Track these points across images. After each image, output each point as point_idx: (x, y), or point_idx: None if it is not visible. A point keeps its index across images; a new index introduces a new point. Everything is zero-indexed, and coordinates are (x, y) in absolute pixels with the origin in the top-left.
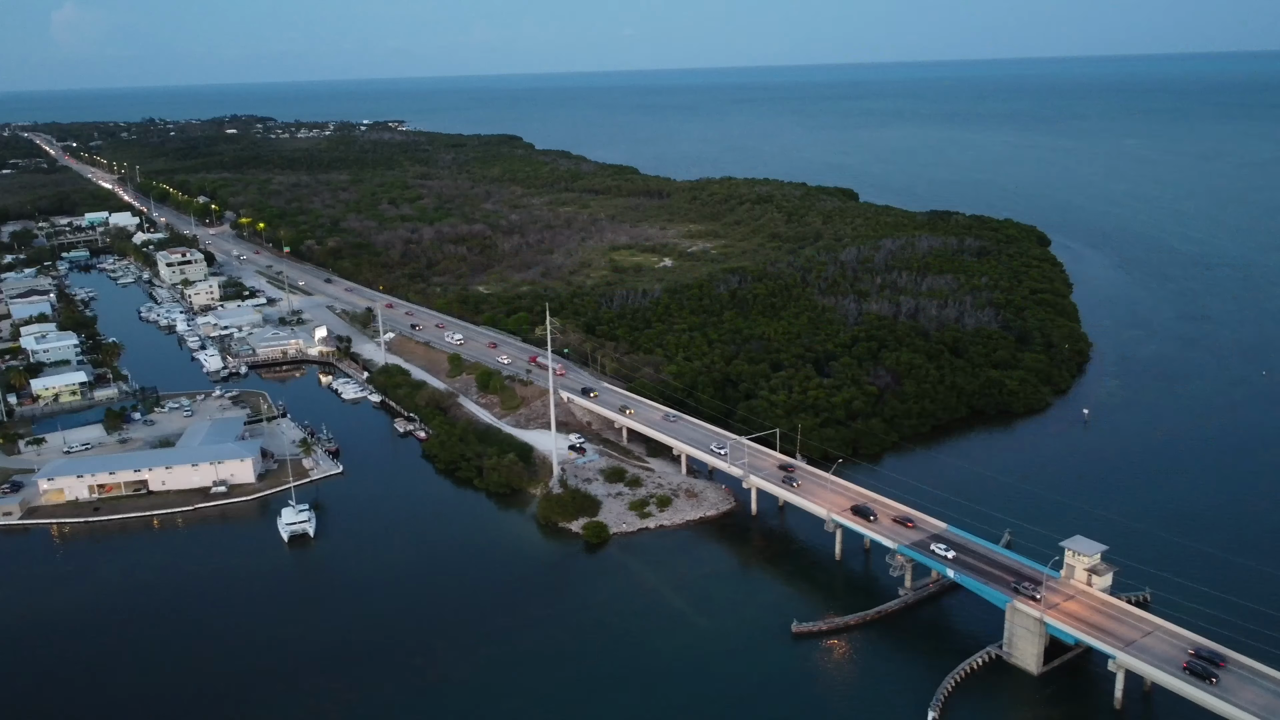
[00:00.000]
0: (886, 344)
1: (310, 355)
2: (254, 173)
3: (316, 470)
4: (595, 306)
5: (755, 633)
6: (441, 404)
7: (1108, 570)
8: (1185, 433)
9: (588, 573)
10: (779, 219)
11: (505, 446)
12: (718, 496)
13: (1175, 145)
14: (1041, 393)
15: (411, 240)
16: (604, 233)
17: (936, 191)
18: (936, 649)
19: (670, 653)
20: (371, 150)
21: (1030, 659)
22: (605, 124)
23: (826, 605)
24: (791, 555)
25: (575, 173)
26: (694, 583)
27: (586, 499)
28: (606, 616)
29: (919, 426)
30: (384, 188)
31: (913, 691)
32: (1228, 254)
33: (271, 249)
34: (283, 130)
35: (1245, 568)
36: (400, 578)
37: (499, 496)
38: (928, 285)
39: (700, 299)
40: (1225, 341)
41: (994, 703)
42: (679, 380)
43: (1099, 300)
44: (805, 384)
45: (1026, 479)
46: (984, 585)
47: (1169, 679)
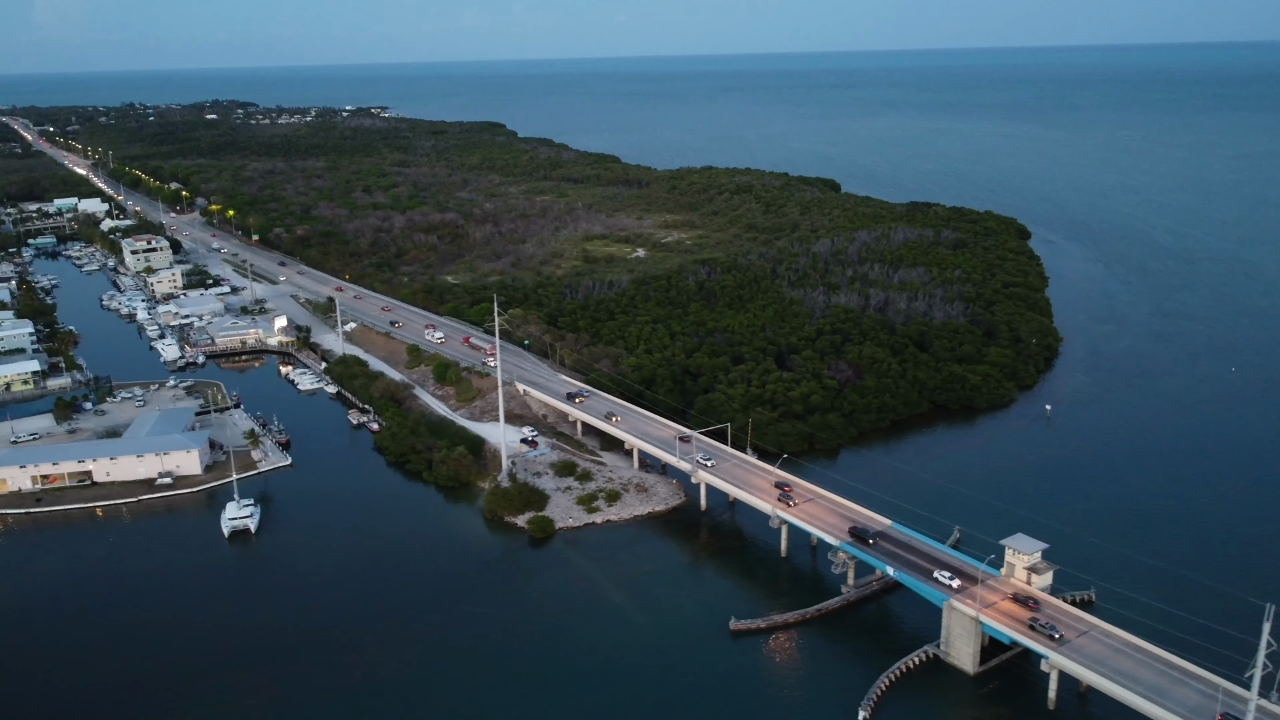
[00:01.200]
0: (851, 337)
1: (270, 345)
2: (230, 159)
3: (265, 462)
4: (559, 297)
5: (694, 630)
6: (397, 395)
7: (1048, 569)
8: (1147, 431)
9: (530, 568)
10: (757, 210)
11: (457, 439)
12: (668, 491)
13: (1168, 137)
14: (1005, 388)
15: (382, 229)
16: (579, 222)
17: (921, 183)
18: (875, 647)
19: (606, 650)
20: (351, 137)
21: (966, 658)
22: (591, 112)
23: (769, 602)
24: (738, 551)
25: (555, 161)
26: (636, 579)
27: (534, 493)
28: (544, 613)
29: (878, 421)
30: (359, 175)
31: (847, 690)
32: (1212, 248)
33: (241, 236)
34: (263, 116)
35: (1191, 568)
36: (340, 572)
37: (447, 490)
38: (899, 278)
39: (667, 290)
40: (1199, 338)
41: (927, 702)
42: (638, 373)
43: (1075, 294)
44: (764, 377)
45: (982, 476)
46: (922, 583)
47: (1100, 680)
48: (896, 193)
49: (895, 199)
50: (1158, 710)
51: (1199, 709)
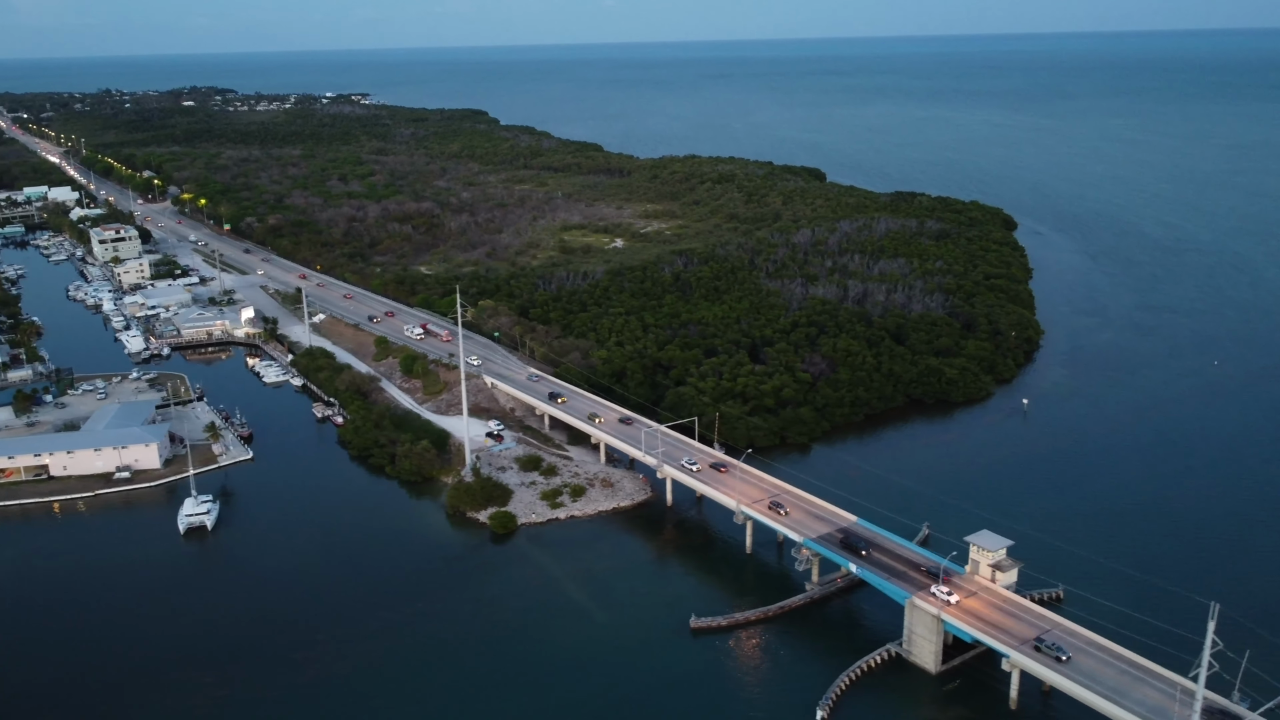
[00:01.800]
0: (826, 329)
1: (236, 337)
2: (205, 146)
3: (225, 456)
4: (531, 288)
5: (654, 628)
6: (362, 388)
7: (1013, 566)
8: (1124, 426)
9: (491, 565)
10: (739, 199)
11: (421, 433)
12: (634, 486)
13: (1162, 126)
14: (983, 382)
15: (356, 218)
16: (557, 212)
17: (908, 172)
18: (837, 646)
19: (564, 649)
20: (329, 124)
21: (928, 657)
22: (575, 99)
23: (732, 600)
24: (702, 548)
25: (535, 149)
26: (598, 575)
27: (497, 488)
28: (503, 610)
29: (851, 416)
30: (335, 163)
31: (806, 689)
32: (1200, 239)
33: (212, 226)
34: (241, 103)
35: (1158, 567)
36: (297, 569)
37: (410, 485)
38: (880, 269)
39: (642, 282)
40: (1182, 331)
41: (887, 702)
42: (607, 366)
43: (1059, 286)
44: (736, 370)
45: (954, 471)
46: (885, 581)
47: (1060, 679)
48: (882, 182)
49: (881, 189)
50: (1117, 710)
51: (1159, 709)
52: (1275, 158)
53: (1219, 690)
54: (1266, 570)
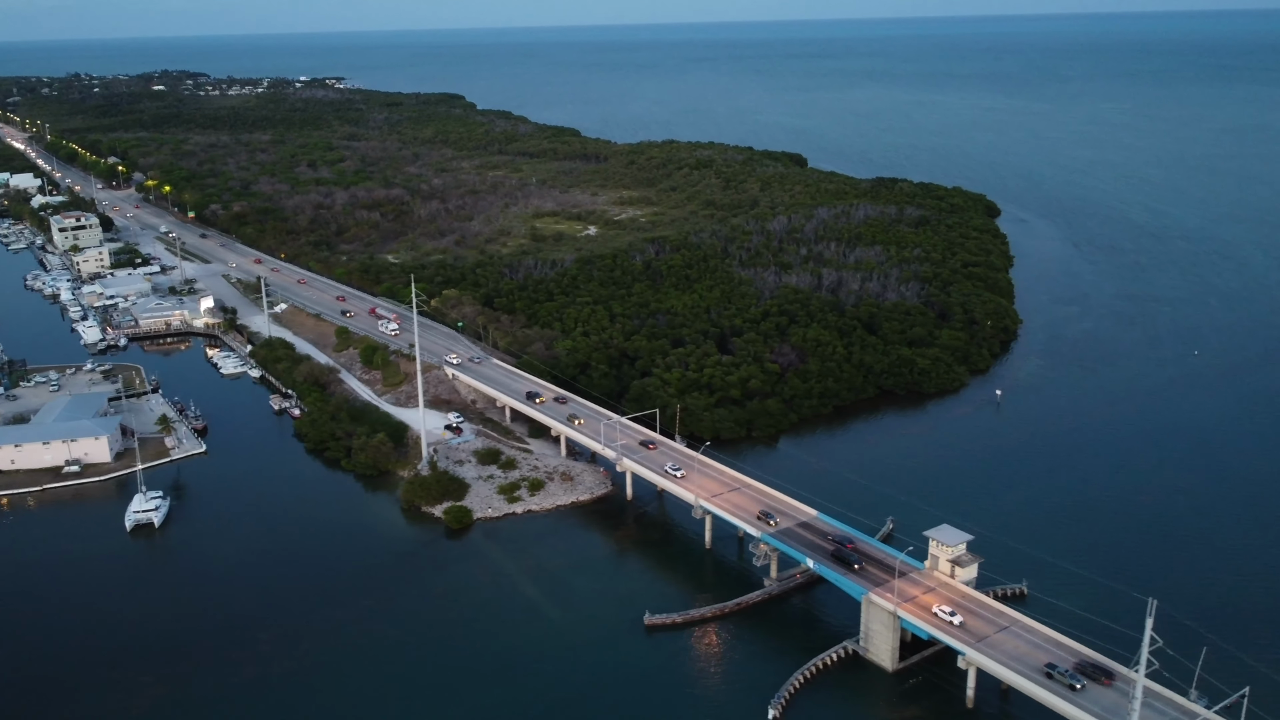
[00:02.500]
0: (798, 319)
1: (196, 327)
2: (173, 132)
3: (178, 449)
4: (496, 277)
5: (607, 625)
6: (321, 379)
7: (972, 561)
8: (1099, 417)
9: (443, 561)
10: (716, 186)
11: (379, 425)
12: (594, 480)
13: (1154, 110)
14: (956, 372)
15: (323, 205)
16: (530, 198)
17: (892, 158)
18: (793, 643)
19: (514, 647)
20: (301, 109)
21: (885, 655)
22: (556, 83)
23: (689, 596)
24: (662, 543)
25: (511, 135)
26: (553, 571)
27: (453, 482)
28: (452, 608)
29: (820, 407)
30: (305, 149)
31: (760, 688)
32: (1188, 226)
33: (177, 213)
34: (213, 87)
35: (1122, 565)
36: (245, 565)
37: (366, 479)
38: (856, 257)
39: (612, 270)
40: (1163, 320)
41: (842, 700)
42: (572, 357)
43: (1040, 274)
44: (702, 361)
45: (922, 464)
46: (842, 576)
47: (1014, 677)
48: (865, 168)
49: (863, 175)
50: (1072, 709)
51: (1115, 708)
52: (1269, 142)
53: (1177, 688)
54: (1228, 568)
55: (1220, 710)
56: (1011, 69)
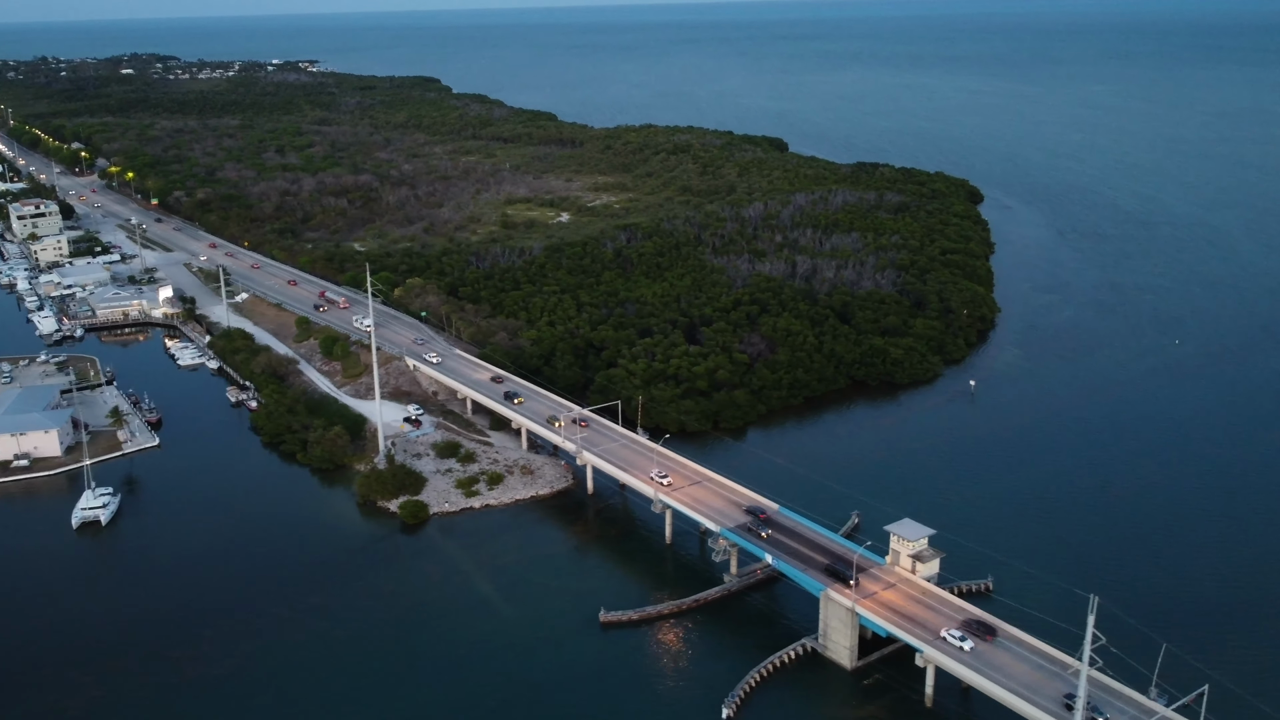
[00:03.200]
0: (769, 308)
1: (154, 317)
2: (140, 117)
3: (131, 443)
4: (462, 266)
5: (561, 622)
6: (279, 371)
7: (934, 557)
8: (1075, 408)
9: (397, 556)
10: (693, 171)
11: (336, 418)
12: (555, 474)
13: (1147, 92)
14: (930, 362)
15: (289, 192)
16: (503, 184)
17: (875, 142)
18: (751, 640)
19: (465, 644)
20: (273, 93)
21: (844, 652)
22: (534, 65)
23: (648, 592)
24: (622, 538)
25: (485, 119)
26: (509, 567)
27: (410, 475)
28: (402, 605)
29: (789, 399)
30: (273, 134)
31: (715, 686)
32: (1175, 212)
33: (140, 200)
34: (183, 71)
35: (1089, 560)
36: (194, 563)
37: (322, 473)
38: (832, 244)
39: (581, 258)
40: (1145, 308)
41: (798, 699)
42: (536, 347)
43: (1021, 261)
44: (669, 351)
45: (891, 457)
46: (800, 572)
47: (972, 675)
48: (847, 153)
49: (844, 159)
50: (1029, 708)
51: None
52: (1262, 125)
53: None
54: (1197, 564)
55: (1178, 708)
56: (1002, 50)
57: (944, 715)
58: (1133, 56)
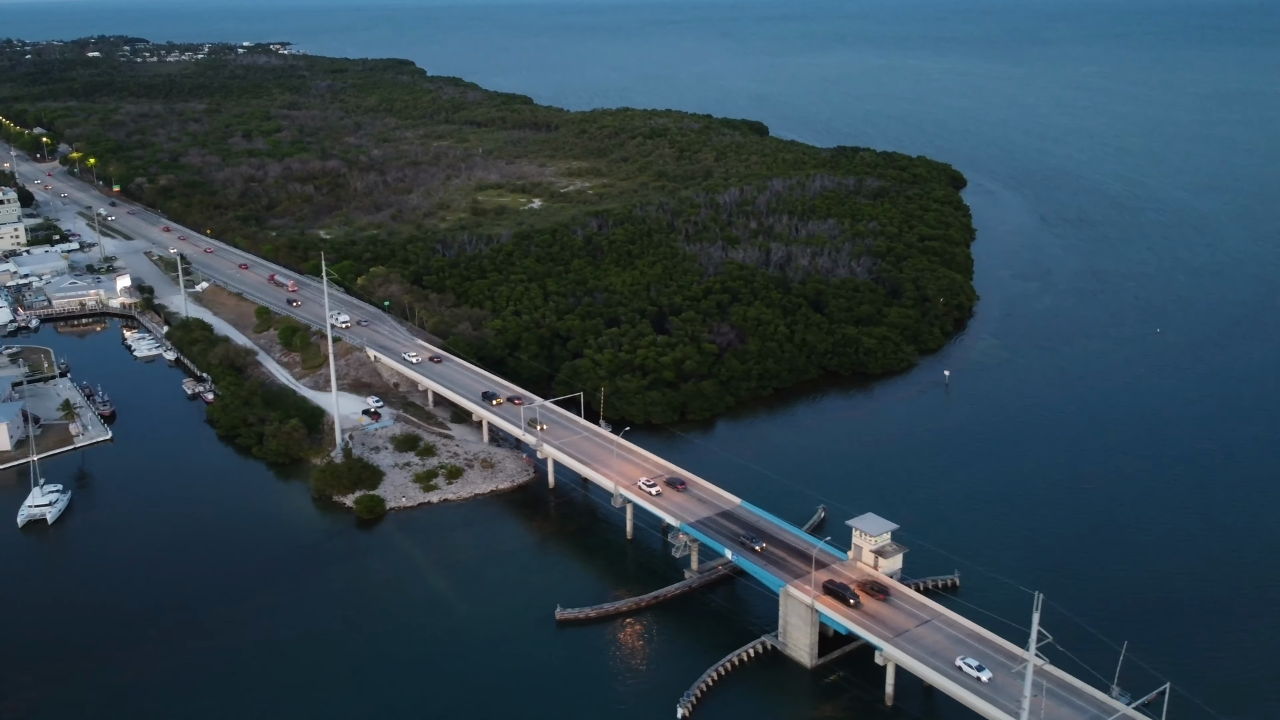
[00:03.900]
0: (740, 297)
1: (112, 307)
2: (105, 100)
3: (83, 437)
4: (427, 254)
5: (517, 620)
6: (237, 362)
7: (896, 552)
8: (1051, 399)
9: (350, 553)
10: (669, 156)
11: (294, 410)
12: (516, 467)
13: (1139, 74)
14: (904, 352)
15: (254, 178)
16: (474, 170)
17: (858, 126)
18: (711, 638)
19: (418, 643)
20: (241, 76)
21: (804, 650)
22: (511, 47)
23: (608, 589)
24: (582, 533)
25: (459, 103)
26: (464, 563)
27: (367, 469)
28: (355, 603)
29: (759, 390)
30: (240, 119)
31: (671, 685)
32: (1162, 197)
33: (102, 187)
34: (151, 53)
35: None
36: (142, 559)
37: (278, 467)
38: (808, 231)
39: (550, 245)
40: (1126, 296)
41: (755, 698)
42: (500, 337)
43: (1003, 248)
44: (636, 341)
45: (860, 449)
46: (760, 568)
47: (930, 673)
48: (828, 137)
49: (826, 144)
50: (989, 708)
51: (1032, 707)
52: (1256, 108)
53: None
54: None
55: (1139, 706)
56: (992, 31)
57: (905, 714)
58: (1126, 37)
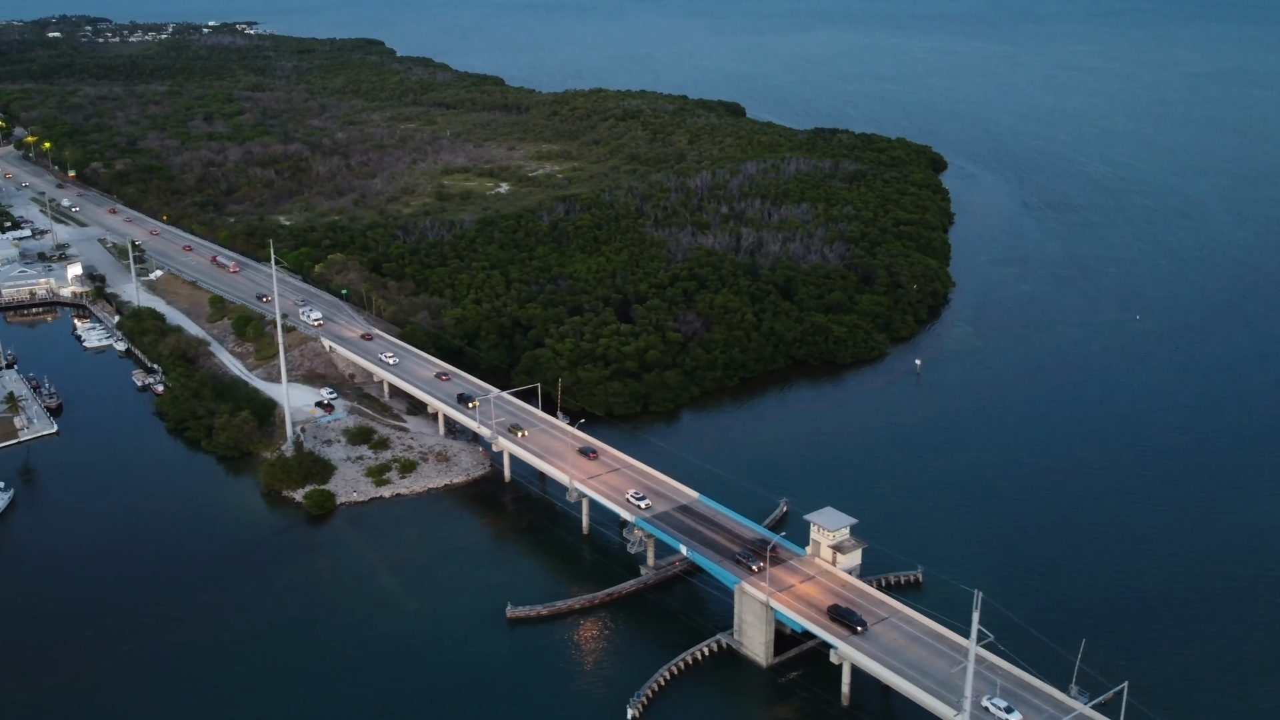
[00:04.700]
0: (708, 284)
1: (63, 296)
2: (63, 83)
3: (27, 430)
4: (387, 240)
5: (467, 618)
6: (188, 353)
7: (855, 547)
8: (1024, 389)
9: (298, 550)
10: (642, 138)
11: (244, 402)
12: (472, 460)
13: (1130, 52)
14: (875, 341)
15: (214, 162)
16: (441, 153)
17: (838, 107)
18: (665, 637)
19: (364, 642)
20: (205, 57)
21: (759, 648)
22: (484, 26)
23: (563, 585)
24: (538, 528)
25: (427, 84)
26: (416, 560)
27: (317, 463)
28: (300, 601)
29: (725, 380)
30: (202, 101)
31: (623, 685)
32: (1148, 179)
33: (57, 171)
34: (114, 34)
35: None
36: (85, 557)
37: (228, 461)
38: (781, 216)
39: (515, 231)
40: (1107, 282)
41: (708, 698)
42: (459, 326)
43: (982, 233)
44: (599, 330)
45: (825, 441)
46: (716, 564)
47: (885, 672)
48: (806, 118)
49: (803, 125)
50: (945, 709)
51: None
52: (1248, 87)
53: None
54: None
55: (1096, 706)
56: (980, 8)
57: (861, 714)
58: (1118, 14)
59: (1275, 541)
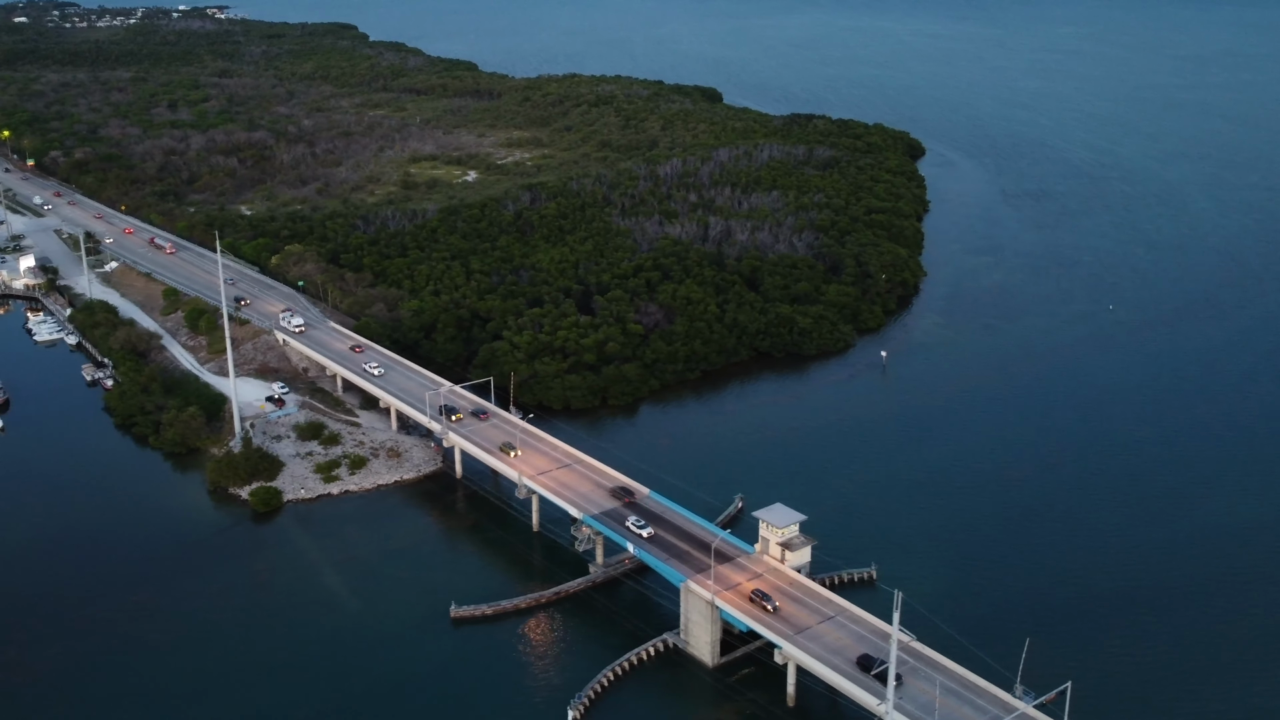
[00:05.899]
0: (672, 274)
1: (15, 289)
2: (26, 69)
3: None
4: (346, 231)
5: (411, 618)
6: (140, 346)
7: (805, 544)
8: (991, 381)
9: (242, 548)
10: (615, 125)
11: (194, 397)
12: (424, 456)
13: (1118, 35)
14: (841, 332)
15: (175, 151)
16: (409, 141)
17: (818, 92)
18: (611, 636)
19: (305, 643)
20: (173, 43)
21: (705, 648)
22: (459, 10)
23: (509, 584)
24: (487, 525)
25: (398, 69)
26: (361, 558)
27: (265, 459)
28: (240, 600)
29: (686, 373)
30: (167, 88)
31: (566, 685)
32: (1129, 165)
33: (16, 160)
34: (81, 18)
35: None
36: (22, 557)
37: (175, 457)
38: (751, 204)
39: (478, 221)
40: (1081, 272)
41: (652, 698)
42: (416, 319)
43: (957, 221)
44: (558, 322)
45: (786, 435)
46: (662, 562)
47: (830, 673)
48: (784, 104)
49: (780, 111)
50: (886, 708)
51: (929, 705)
52: (1234, 70)
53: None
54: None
55: (1039, 705)
56: None
57: (808, 715)
58: None
59: (1234, 539)
